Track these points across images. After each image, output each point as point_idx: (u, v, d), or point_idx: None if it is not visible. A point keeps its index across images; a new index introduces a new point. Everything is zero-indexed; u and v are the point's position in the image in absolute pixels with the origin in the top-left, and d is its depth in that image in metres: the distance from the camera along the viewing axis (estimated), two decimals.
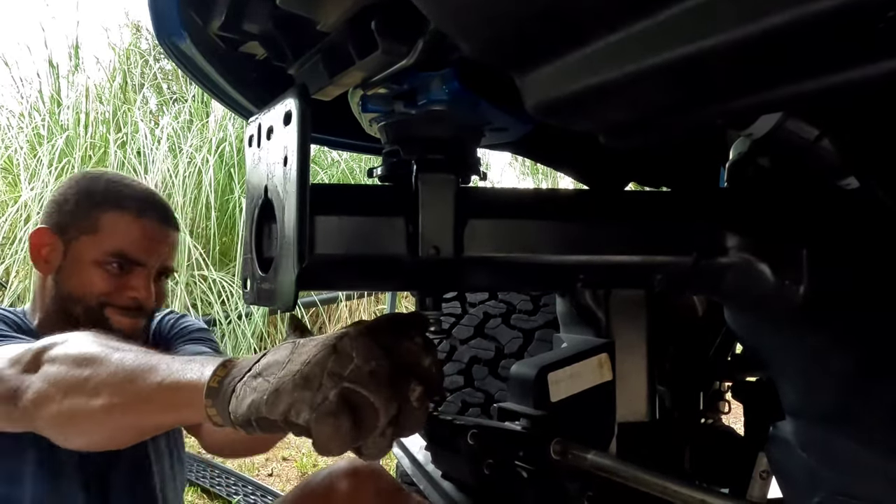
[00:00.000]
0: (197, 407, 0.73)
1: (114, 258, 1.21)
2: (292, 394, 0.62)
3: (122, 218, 1.23)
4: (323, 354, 0.63)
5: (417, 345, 0.66)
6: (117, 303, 1.23)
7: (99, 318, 1.21)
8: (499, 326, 1.93)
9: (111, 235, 1.22)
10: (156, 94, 5.81)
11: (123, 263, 1.22)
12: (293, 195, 0.61)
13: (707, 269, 0.74)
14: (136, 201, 1.25)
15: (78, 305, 1.22)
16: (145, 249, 1.23)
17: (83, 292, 1.22)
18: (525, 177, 7.68)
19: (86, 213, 1.23)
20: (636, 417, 1.02)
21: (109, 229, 1.22)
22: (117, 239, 1.22)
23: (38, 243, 1.24)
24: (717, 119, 0.61)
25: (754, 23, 0.36)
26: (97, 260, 1.21)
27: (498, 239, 0.71)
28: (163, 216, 1.28)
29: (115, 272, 1.22)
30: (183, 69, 0.98)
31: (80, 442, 0.93)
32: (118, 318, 1.23)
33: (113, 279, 1.22)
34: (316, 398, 0.61)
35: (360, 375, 0.62)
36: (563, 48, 0.47)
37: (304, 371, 0.62)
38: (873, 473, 0.70)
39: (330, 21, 0.64)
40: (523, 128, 0.81)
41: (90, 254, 1.22)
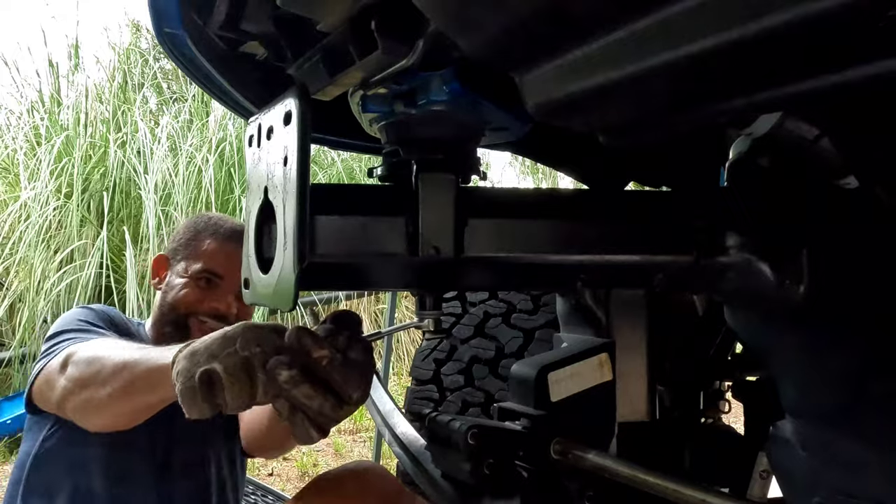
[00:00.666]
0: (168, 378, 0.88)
1: (201, 274, 1.48)
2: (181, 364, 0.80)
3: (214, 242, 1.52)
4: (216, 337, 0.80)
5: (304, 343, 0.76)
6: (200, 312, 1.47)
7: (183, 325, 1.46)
8: (499, 326, 1.93)
9: (202, 256, 1.50)
10: (156, 93, 5.81)
11: (210, 278, 1.48)
12: (293, 195, 0.61)
13: (707, 269, 0.74)
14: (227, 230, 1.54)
15: (172, 313, 1.48)
16: (228, 268, 1.48)
17: (177, 303, 1.48)
18: (525, 176, 7.68)
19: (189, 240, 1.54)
20: (636, 417, 1.02)
21: (203, 251, 1.51)
22: (206, 258, 1.50)
23: (156, 266, 1.58)
24: (718, 118, 0.61)
25: (755, 22, 0.36)
26: (191, 276, 1.49)
27: (498, 239, 0.71)
28: None
29: (203, 286, 1.48)
30: (183, 69, 0.98)
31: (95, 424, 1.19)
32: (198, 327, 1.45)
33: (199, 292, 1.48)
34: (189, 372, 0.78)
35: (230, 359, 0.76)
36: (563, 47, 0.47)
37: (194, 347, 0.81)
38: (873, 473, 0.70)
39: (330, 21, 0.64)
40: (523, 127, 0.81)
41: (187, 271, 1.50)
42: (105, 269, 4.29)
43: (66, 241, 4.38)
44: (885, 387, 0.69)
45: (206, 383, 0.76)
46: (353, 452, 4.00)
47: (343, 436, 4.23)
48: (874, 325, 0.71)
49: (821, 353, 0.74)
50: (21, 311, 4.18)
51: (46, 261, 4.26)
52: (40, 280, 4.17)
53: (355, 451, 4.04)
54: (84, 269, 4.22)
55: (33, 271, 4.19)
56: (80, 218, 4.46)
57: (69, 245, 4.34)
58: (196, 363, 0.77)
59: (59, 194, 4.46)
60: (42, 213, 4.33)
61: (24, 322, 4.09)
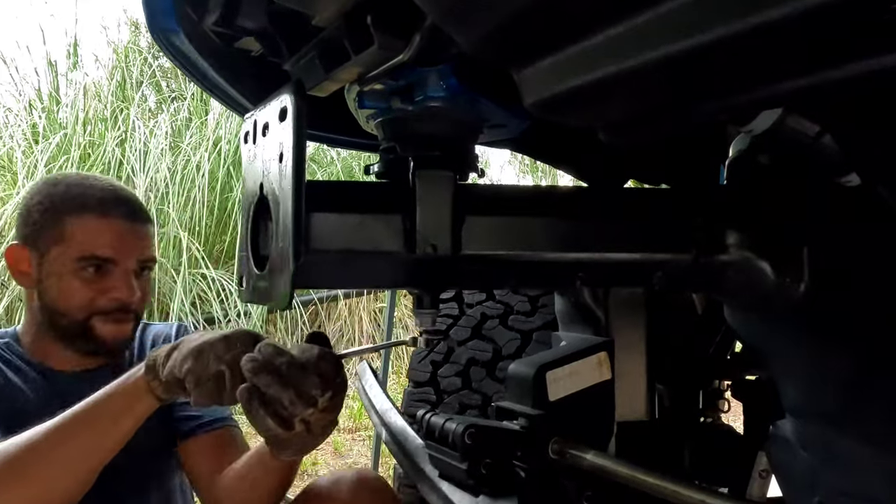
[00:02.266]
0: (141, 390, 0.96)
1: (87, 263, 1.19)
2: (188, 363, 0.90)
3: (87, 221, 1.20)
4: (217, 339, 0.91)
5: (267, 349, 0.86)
6: (102, 308, 1.21)
7: (84, 328, 1.21)
8: (496, 328, 1.93)
9: (79, 241, 1.19)
10: (154, 91, 5.80)
11: (98, 265, 1.20)
12: (289, 192, 0.60)
13: (707, 267, 0.74)
14: (99, 201, 1.22)
15: (63, 319, 1.21)
16: (117, 248, 1.20)
17: (66, 305, 1.20)
18: (524, 175, 7.68)
19: (51, 223, 1.21)
20: (635, 416, 1.01)
21: (76, 235, 1.20)
22: (86, 243, 1.19)
23: (13, 259, 1.23)
24: (719, 115, 0.60)
25: (756, 15, 0.35)
26: (71, 269, 1.19)
27: (496, 236, 0.71)
28: (129, 210, 1.24)
29: (92, 277, 1.20)
30: (178, 65, 0.98)
31: None
32: (102, 326, 1.22)
33: (92, 285, 1.20)
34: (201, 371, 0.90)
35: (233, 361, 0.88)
36: (562, 43, 0.47)
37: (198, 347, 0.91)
38: (873, 472, 0.70)
39: (325, 16, 0.63)
40: (521, 124, 0.80)
41: (63, 264, 1.19)
42: None
43: None
44: (885, 386, 0.69)
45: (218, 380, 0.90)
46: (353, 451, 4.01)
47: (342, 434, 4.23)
48: (874, 325, 0.70)
49: (821, 353, 0.74)
50: (20, 311, 4.18)
51: None
52: None
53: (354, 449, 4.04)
54: None
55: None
56: None
57: None
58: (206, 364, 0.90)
59: None
60: None
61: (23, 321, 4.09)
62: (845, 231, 0.73)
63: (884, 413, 0.69)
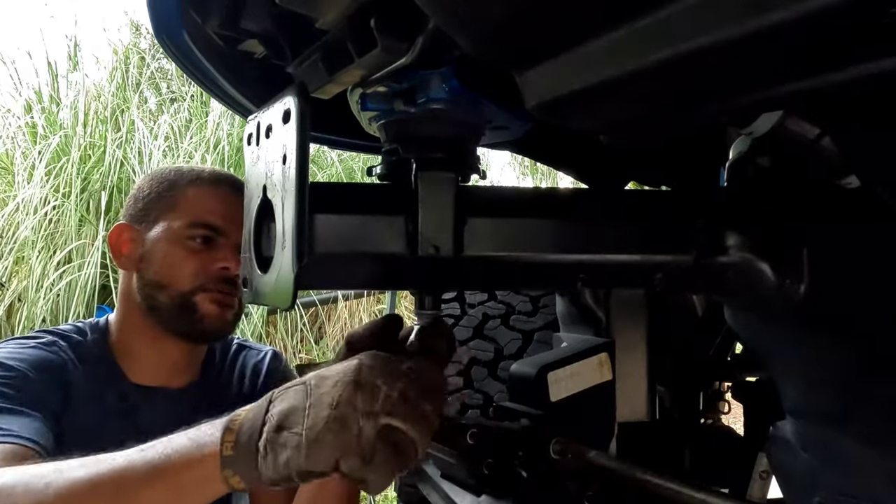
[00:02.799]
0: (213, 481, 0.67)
1: (195, 230, 1.13)
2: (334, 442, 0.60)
3: (199, 189, 1.17)
4: (349, 392, 0.62)
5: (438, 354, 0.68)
6: (208, 279, 1.12)
7: (186, 306, 1.12)
8: (498, 328, 1.93)
9: (191, 207, 1.15)
10: (154, 93, 5.80)
11: (207, 236, 1.13)
12: (292, 193, 0.61)
13: (707, 269, 0.74)
14: (211, 173, 1.20)
15: (163, 294, 1.12)
16: (226, 217, 1.14)
17: (169, 276, 1.12)
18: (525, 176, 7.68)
19: (164, 195, 1.17)
20: (636, 417, 1.02)
21: (188, 202, 1.15)
22: (197, 209, 1.14)
23: (117, 239, 1.17)
24: (719, 117, 0.60)
25: (757, 18, 0.36)
26: (179, 236, 1.13)
27: (498, 238, 0.71)
28: (238, 186, 1.19)
29: (199, 247, 1.13)
30: (181, 67, 0.98)
31: None
32: (206, 304, 1.12)
33: (198, 255, 1.13)
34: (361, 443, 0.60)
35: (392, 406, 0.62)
36: (564, 45, 0.47)
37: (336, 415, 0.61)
38: (874, 473, 0.70)
39: (329, 18, 0.63)
40: (523, 126, 0.81)
41: (171, 232, 1.14)
42: (104, 269, 4.29)
43: (65, 240, 4.38)
44: (885, 387, 0.69)
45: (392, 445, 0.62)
46: None
47: None
48: (874, 325, 0.71)
49: (821, 353, 0.74)
50: (20, 311, 4.18)
51: (45, 260, 4.26)
52: (39, 279, 4.17)
53: None
54: (83, 269, 4.22)
55: (32, 271, 4.19)
56: (79, 217, 4.45)
57: (68, 245, 4.34)
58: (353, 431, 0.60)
59: (57, 194, 4.46)
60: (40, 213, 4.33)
61: (23, 321, 4.09)
62: (845, 232, 0.74)
63: (884, 413, 0.69)
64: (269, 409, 0.65)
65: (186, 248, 1.13)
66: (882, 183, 0.63)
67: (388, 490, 3.47)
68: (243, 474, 0.66)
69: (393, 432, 0.62)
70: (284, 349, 4.75)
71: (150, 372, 1.18)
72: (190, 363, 1.22)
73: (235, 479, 0.66)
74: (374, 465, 0.60)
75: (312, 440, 0.61)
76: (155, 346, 1.17)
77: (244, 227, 0.73)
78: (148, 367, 1.18)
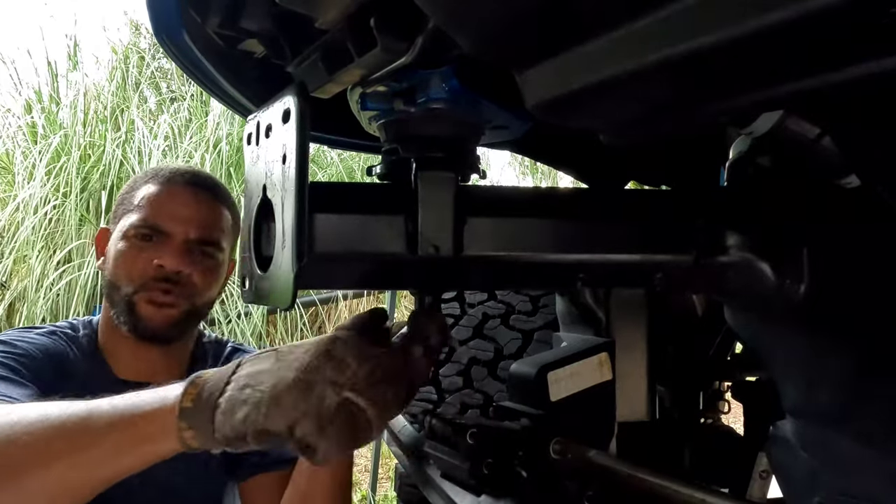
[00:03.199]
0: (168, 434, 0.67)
1: (140, 228, 1.13)
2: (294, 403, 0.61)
3: (149, 188, 1.16)
4: (319, 360, 0.63)
5: None
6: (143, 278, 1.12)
7: (130, 307, 1.12)
8: (498, 327, 1.93)
9: (139, 206, 1.15)
10: (154, 92, 5.81)
11: (150, 235, 1.13)
12: (292, 193, 0.61)
13: (707, 268, 0.74)
14: (169, 172, 1.18)
15: (116, 294, 1.13)
16: (171, 216, 1.13)
17: (118, 277, 1.13)
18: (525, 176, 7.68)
19: (125, 196, 1.19)
20: (636, 417, 1.02)
21: (140, 202, 1.15)
22: (144, 208, 1.14)
23: (97, 241, 1.21)
24: (719, 117, 0.60)
25: (756, 18, 0.36)
26: (126, 236, 1.14)
27: (497, 238, 0.71)
28: (197, 186, 1.18)
29: (142, 245, 1.12)
30: (181, 67, 0.98)
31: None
32: (144, 307, 1.12)
33: (140, 253, 1.12)
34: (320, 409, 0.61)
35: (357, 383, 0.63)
36: (564, 45, 0.47)
37: (301, 378, 0.62)
38: (873, 473, 0.70)
39: (329, 18, 0.63)
40: (523, 126, 0.81)
41: (121, 232, 1.15)
42: None
43: (65, 240, 4.38)
44: (885, 387, 0.69)
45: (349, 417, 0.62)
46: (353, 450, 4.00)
47: None
48: (874, 325, 0.71)
49: (821, 353, 0.74)
50: (20, 311, 4.18)
51: (45, 260, 4.26)
52: (39, 279, 4.17)
53: None
54: (83, 269, 4.22)
55: (32, 270, 4.19)
56: (79, 217, 4.46)
57: (68, 244, 4.34)
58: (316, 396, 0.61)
59: (57, 193, 4.46)
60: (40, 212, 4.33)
61: (24, 321, 4.09)
62: (845, 232, 0.74)
63: (884, 413, 0.69)
64: (236, 370, 0.66)
65: (131, 245, 1.13)
66: (882, 183, 0.63)
67: (388, 490, 3.47)
68: (198, 428, 0.66)
69: (352, 407, 0.62)
70: None
71: (132, 369, 1.18)
72: (168, 364, 1.20)
73: (189, 432, 0.66)
74: (328, 435, 0.61)
75: (274, 397, 0.61)
76: (128, 344, 1.17)
77: (243, 227, 0.73)
78: (128, 364, 1.18)
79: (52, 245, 4.40)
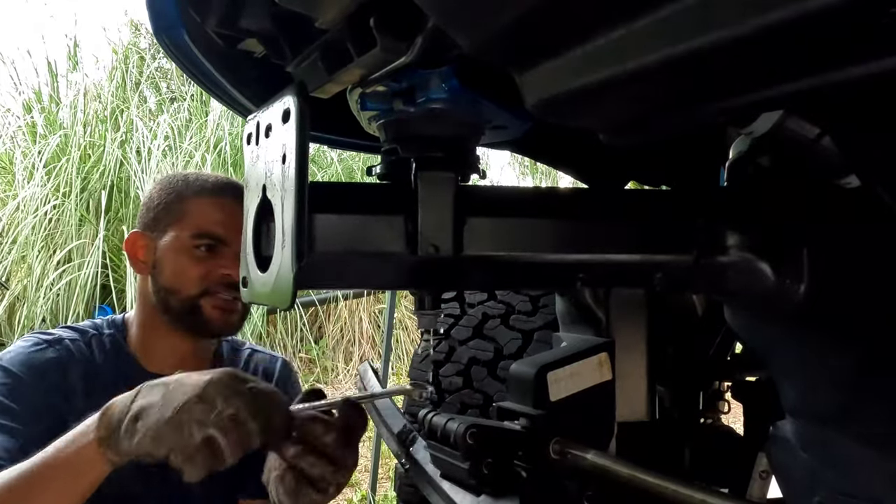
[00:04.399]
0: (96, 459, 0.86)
1: (200, 240, 1.24)
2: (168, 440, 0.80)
3: (203, 200, 1.27)
4: (191, 402, 0.81)
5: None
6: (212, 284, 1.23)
7: (193, 309, 1.24)
8: (498, 327, 1.93)
9: (194, 218, 1.25)
10: (154, 92, 5.81)
11: (210, 244, 1.24)
12: (292, 193, 0.61)
13: (707, 268, 0.74)
14: (214, 184, 1.30)
15: (174, 298, 1.25)
16: (228, 227, 1.24)
17: (178, 283, 1.24)
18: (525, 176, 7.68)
19: (171, 205, 1.28)
20: (636, 417, 1.02)
21: (193, 213, 1.26)
22: (200, 220, 1.25)
23: (133, 246, 1.30)
24: (719, 117, 0.60)
25: (755, 18, 0.35)
26: (185, 245, 1.24)
27: (497, 237, 0.71)
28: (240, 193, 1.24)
29: (204, 255, 1.24)
30: (181, 67, 0.98)
31: None
32: (210, 309, 1.24)
33: (202, 263, 1.24)
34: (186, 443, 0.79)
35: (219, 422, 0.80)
36: (564, 45, 0.47)
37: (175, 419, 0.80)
38: (873, 473, 0.70)
39: (328, 18, 0.63)
40: (523, 126, 0.81)
41: (179, 242, 1.25)
42: (104, 268, 4.29)
43: (65, 240, 4.38)
44: (885, 387, 0.69)
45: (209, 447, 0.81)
46: None
47: None
48: (874, 325, 0.71)
49: (821, 353, 0.74)
50: (20, 311, 4.18)
51: (45, 260, 4.26)
52: (39, 279, 4.17)
53: None
54: (83, 269, 4.22)
55: (32, 270, 4.19)
56: (79, 217, 4.46)
57: (68, 244, 4.34)
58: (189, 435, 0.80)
59: (57, 193, 4.46)
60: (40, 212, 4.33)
61: (24, 321, 4.09)
62: (845, 232, 0.74)
63: (884, 414, 0.69)
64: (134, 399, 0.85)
65: (192, 256, 1.25)
66: (882, 183, 0.63)
67: (389, 490, 3.47)
68: (114, 449, 0.84)
69: (214, 443, 0.80)
70: (284, 349, 4.76)
71: (162, 362, 1.28)
72: (197, 357, 1.33)
73: (111, 453, 0.85)
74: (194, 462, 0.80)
75: (153, 435, 0.81)
76: (167, 340, 1.29)
77: (244, 227, 0.73)
78: (161, 357, 1.29)
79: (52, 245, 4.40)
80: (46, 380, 1.19)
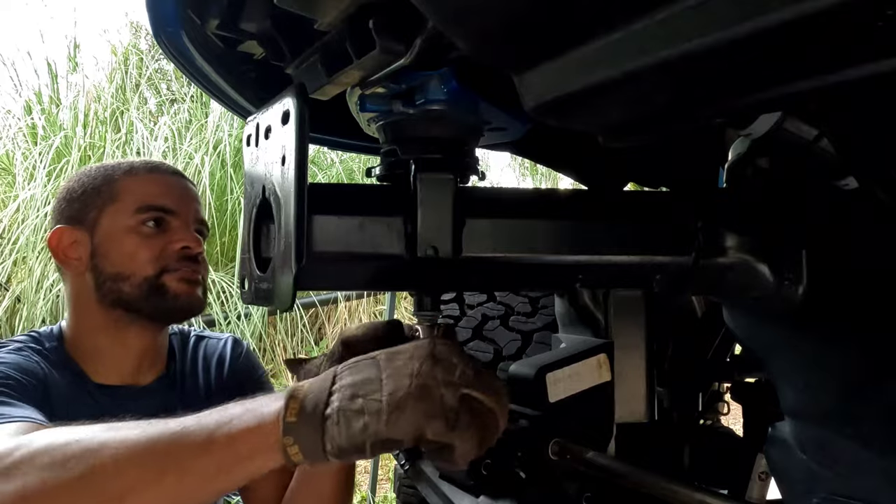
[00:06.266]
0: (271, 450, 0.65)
1: (146, 213, 1.13)
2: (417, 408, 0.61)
3: (137, 177, 1.16)
4: (428, 364, 0.63)
5: None
6: (170, 262, 1.13)
7: (155, 289, 1.12)
8: (497, 329, 1.93)
9: (134, 195, 1.14)
10: (154, 94, 5.81)
11: (158, 217, 1.13)
12: (291, 194, 0.61)
13: (706, 270, 0.74)
14: (144, 163, 1.20)
15: (126, 284, 1.12)
16: (173, 197, 1.16)
17: (129, 267, 1.12)
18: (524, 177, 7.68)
19: (100, 189, 1.15)
20: (635, 418, 1.02)
21: (130, 190, 1.14)
22: (141, 195, 1.14)
23: (59, 243, 1.15)
24: (717, 118, 0.61)
25: (753, 20, 0.36)
26: (129, 225, 1.13)
27: (496, 239, 0.71)
28: (173, 170, 1.22)
29: (152, 231, 1.13)
30: (180, 68, 0.98)
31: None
32: (177, 285, 1.13)
33: (153, 239, 1.13)
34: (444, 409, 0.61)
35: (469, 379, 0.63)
36: (562, 47, 0.47)
37: (418, 383, 0.61)
38: (872, 474, 0.70)
39: (328, 20, 0.63)
40: (522, 127, 0.81)
41: (120, 223, 1.13)
42: None
43: None
44: (883, 388, 0.69)
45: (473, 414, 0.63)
46: None
47: None
48: (873, 326, 0.71)
49: (820, 355, 0.74)
50: (20, 311, 4.18)
51: (45, 261, 4.26)
52: (39, 280, 4.17)
53: None
54: None
55: (32, 272, 4.19)
56: None
57: None
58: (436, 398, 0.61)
59: None
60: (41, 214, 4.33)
61: (24, 321, 4.09)
62: (844, 233, 0.74)
63: (882, 415, 0.69)
64: (335, 380, 0.65)
65: (140, 234, 1.13)
66: (880, 183, 0.63)
67: (388, 491, 3.47)
68: (304, 443, 0.63)
69: (473, 402, 0.62)
70: (284, 350, 4.75)
71: (114, 370, 1.16)
72: (155, 355, 1.21)
73: (294, 448, 0.64)
74: (460, 431, 0.61)
75: (395, 406, 0.61)
76: (118, 341, 1.16)
77: (243, 228, 0.73)
78: (112, 365, 1.16)
79: None
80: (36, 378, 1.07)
